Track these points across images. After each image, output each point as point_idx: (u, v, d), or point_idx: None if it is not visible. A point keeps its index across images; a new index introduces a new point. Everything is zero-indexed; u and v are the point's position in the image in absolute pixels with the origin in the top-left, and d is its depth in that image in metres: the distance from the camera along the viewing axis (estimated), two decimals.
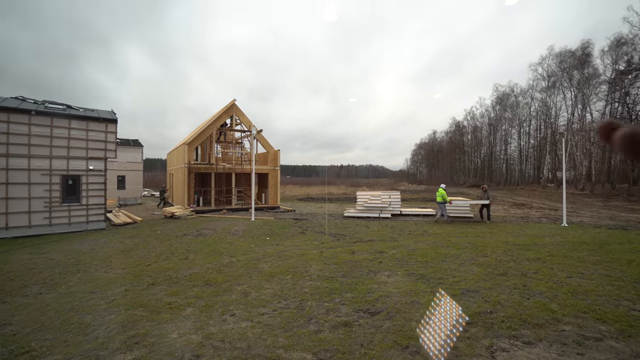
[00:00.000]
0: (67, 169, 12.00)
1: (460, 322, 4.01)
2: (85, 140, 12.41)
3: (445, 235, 10.37)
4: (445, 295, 4.93)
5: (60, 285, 5.83)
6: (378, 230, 11.58)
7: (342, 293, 5.19)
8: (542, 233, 10.71)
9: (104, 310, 4.62)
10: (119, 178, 25.23)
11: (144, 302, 4.92)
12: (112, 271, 6.74)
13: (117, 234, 11.60)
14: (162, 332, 3.90)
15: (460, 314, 4.25)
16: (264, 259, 7.52)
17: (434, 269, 6.50)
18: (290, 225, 13.00)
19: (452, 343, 3.48)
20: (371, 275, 6.12)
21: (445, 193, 13.72)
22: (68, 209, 12.03)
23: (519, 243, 8.94)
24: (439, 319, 4.22)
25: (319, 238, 10.26)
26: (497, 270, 6.32)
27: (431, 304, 4.61)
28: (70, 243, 9.86)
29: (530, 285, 5.45)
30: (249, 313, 4.45)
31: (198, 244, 9.39)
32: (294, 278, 6.01)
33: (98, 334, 3.89)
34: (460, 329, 3.83)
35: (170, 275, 6.29)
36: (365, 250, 8.33)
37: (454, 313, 4.29)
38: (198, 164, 19.14)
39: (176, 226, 13.07)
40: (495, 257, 7.35)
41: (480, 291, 5.17)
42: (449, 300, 4.73)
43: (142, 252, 8.48)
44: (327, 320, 4.18)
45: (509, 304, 4.62)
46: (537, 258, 7.26)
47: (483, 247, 8.47)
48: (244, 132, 22.00)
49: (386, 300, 4.87)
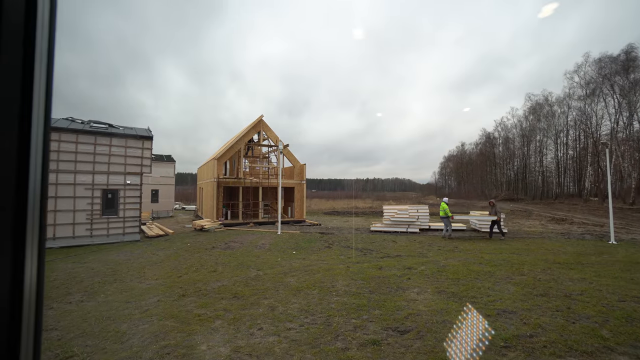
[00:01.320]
0: (107, 184, 12.84)
1: (497, 345, 3.76)
2: (123, 157, 13.27)
3: (478, 252, 9.88)
4: (478, 315, 4.66)
5: (99, 294, 6.15)
6: (406, 245, 11.26)
7: (369, 310, 5.06)
8: (586, 251, 9.92)
9: (138, 320, 4.80)
10: (153, 192, 26.57)
11: (175, 313, 5.06)
12: (145, 282, 7.02)
13: (151, 245, 12.13)
14: (192, 344, 3.98)
15: (497, 336, 3.99)
16: (290, 273, 7.53)
17: (466, 286, 6.18)
18: (316, 239, 12.97)
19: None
20: (400, 292, 5.93)
21: (447, 208, 13.15)
22: (107, 221, 12.80)
23: (560, 261, 8.33)
24: (472, 340, 3.99)
25: (345, 253, 10.14)
26: (536, 290, 5.91)
27: (464, 324, 4.37)
28: (108, 253, 10.43)
29: (575, 308, 5.03)
30: (276, 327, 4.44)
31: (226, 257, 9.59)
32: (320, 293, 5.95)
33: (133, 343, 4.03)
34: (497, 352, 3.59)
35: (199, 287, 6.45)
36: (393, 265, 8.11)
37: (490, 334, 4.04)
38: (227, 178, 19.76)
39: (205, 239, 13.45)
40: (533, 276, 6.88)
41: (518, 312, 4.84)
42: (482, 320, 4.46)
43: (173, 264, 8.79)
44: (355, 338, 4.07)
45: (552, 328, 4.28)
46: (582, 278, 6.71)
47: (519, 264, 7.97)
48: (271, 147, 22.55)
49: (416, 318, 4.68)
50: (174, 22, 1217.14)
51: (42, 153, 0.54)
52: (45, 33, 0.55)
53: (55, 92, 0.60)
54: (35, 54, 0.54)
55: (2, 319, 0.50)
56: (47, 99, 0.56)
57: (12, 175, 0.50)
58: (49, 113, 0.57)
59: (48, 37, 0.56)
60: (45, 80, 0.56)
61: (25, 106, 0.52)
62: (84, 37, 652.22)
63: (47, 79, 0.56)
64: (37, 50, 0.54)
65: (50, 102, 0.57)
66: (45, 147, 0.54)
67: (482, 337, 4.00)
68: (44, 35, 0.55)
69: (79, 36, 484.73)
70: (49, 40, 0.56)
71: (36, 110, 0.53)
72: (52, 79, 0.57)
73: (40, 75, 0.54)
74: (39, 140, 0.53)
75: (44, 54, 0.55)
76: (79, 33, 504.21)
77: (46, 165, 0.55)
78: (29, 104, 0.53)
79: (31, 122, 0.53)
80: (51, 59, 0.56)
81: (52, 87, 0.57)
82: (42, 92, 0.55)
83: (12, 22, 0.51)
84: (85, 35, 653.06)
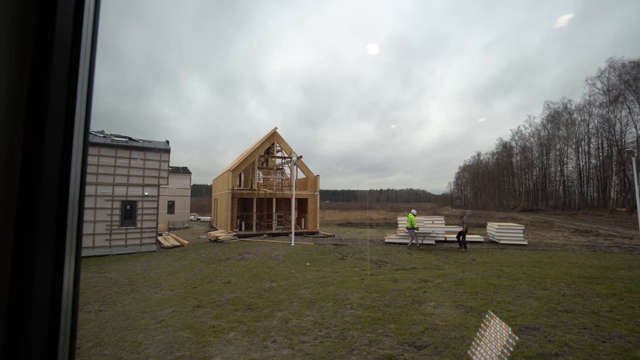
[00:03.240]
0: (126, 195, 13.24)
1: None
2: (142, 169, 13.69)
3: (496, 264, 9.56)
4: (501, 330, 4.48)
5: (117, 304, 6.26)
6: (421, 258, 11.02)
7: (385, 324, 4.95)
8: (614, 265, 9.44)
9: (154, 330, 4.85)
10: (169, 203, 27.16)
11: (190, 324, 5.09)
12: (161, 292, 7.11)
13: (167, 256, 12.32)
14: (206, 355, 3.98)
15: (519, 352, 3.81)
16: (304, 285, 7.47)
17: (485, 301, 5.97)
18: (330, 251, 12.87)
19: None
20: (415, 306, 5.78)
21: (414, 219, 13.49)
22: (125, 232, 13.13)
23: (586, 275, 7.95)
24: (492, 356, 3.82)
25: (359, 265, 10.01)
26: (560, 306, 5.64)
27: (484, 339, 4.20)
28: (125, 264, 10.66)
29: (605, 325, 4.77)
30: (290, 340, 4.39)
31: (240, 268, 9.63)
32: (334, 306, 5.87)
33: (149, 353, 4.07)
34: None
35: (214, 299, 6.48)
36: (408, 278, 7.94)
37: (511, 351, 3.86)
38: (241, 190, 20.02)
39: (220, 250, 13.57)
40: (557, 291, 6.58)
41: (541, 329, 4.63)
42: (505, 336, 4.28)
43: (188, 275, 8.88)
44: (370, 352, 3.98)
45: (579, 347, 4.06)
46: (611, 294, 6.37)
47: (542, 278, 7.66)
48: (285, 159, 22.79)
49: (433, 333, 4.54)
50: (203, 35, 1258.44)
51: (80, 166, 0.58)
52: (88, 55, 0.61)
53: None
54: (79, 75, 0.59)
55: (42, 320, 0.53)
56: (87, 114, 0.61)
57: (55, 186, 0.54)
58: (88, 127, 0.62)
59: (90, 58, 0.61)
60: (87, 90, 0.61)
61: (68, 120, 0.57)
62: (113, 54, 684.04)
63: (87, 99, 0.61)
64: (80, 70, 0.59)
65: (89, 117, 0.62)
66: (84, 161, 0.59)
67: (504, 354, 3.83)
68: (87, 57, 0.60)
69: (108, 52, 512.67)
70: (90, 62, 0.61)
71: (78, 124, 0.58)
72: (92, 98, 0.62)
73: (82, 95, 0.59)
74: (79, 153, 0.58)
75: (85, 75, 0.60)
76: (109, 50, 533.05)
77: (84, 176, 0.59)
78: (72, 118, 0.58)
79: (73, 136, 0.57)
80: (91, 81, 0.61)
81: (91, 102, 0.62)
82: (83, 107, 0.60)
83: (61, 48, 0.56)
84: (115, 51, 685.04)
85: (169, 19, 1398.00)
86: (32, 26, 0.54)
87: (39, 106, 0.54)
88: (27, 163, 0.52)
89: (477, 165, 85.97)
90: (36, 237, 0.53)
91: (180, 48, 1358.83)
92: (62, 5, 0.57)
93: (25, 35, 0.54)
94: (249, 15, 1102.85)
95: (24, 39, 0.54)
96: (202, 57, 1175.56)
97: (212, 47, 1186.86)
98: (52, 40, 0.55)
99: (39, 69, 0.55)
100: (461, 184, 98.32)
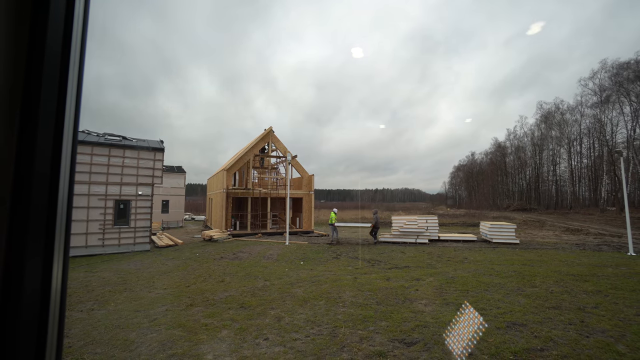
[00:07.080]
0: (119, 194, 13.16)
1: (506, 359, 3.69)
2: (136, 168, 13.61)
3: (488, 263, 9.70)
4: (485, 325, 4.57)
5: (110, 303, 6.25)
6: (414, 257, 11.13)
7: (376, 321, 5.02)
8: (602, 262, 9.64)
9: (147, 329, 4.87)
10: (163, 202, 26.98)
11: (183, 322, 5.12)
12: (154, 291, 7.11)
13: (160, 255, 12.28)
14: (198, 353, 4.02)
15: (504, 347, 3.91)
16: (297, 284, 7.52)
17: (476, 298, 6.08)
18: (324, 250, 12.94)
19: None
20: (407, 304, 5.86)
21: (335, 217, 15.31)
22: (118, 231, 13.05)
23: (574, 273, 8.11)
24: (480, 350, 3.91)
25: (352, 264, 10.09)
26: (548, 303, 5.77)
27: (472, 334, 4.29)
28: (119, 263, 10.61)
29: (589, 321, 4.89)
30: (282, 338, 4.44)
31: (234, 267, 9.65)
32: (327, 304, 5.93)
33: (141, 351, 4.09)
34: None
35: (207, 297, 6.50)
36: (400, 277, 8.03)
37: (497, 346, 3.96)
38: (236, 189, 19.98)
39: (214, 249, 13.56)
40: (545, 288, 6.72)
41: (528, 325, 4.74)
42: (491, 331, 4.38)
43: (182, 274, 8.88)
44: (361, 349, 4.05)
45: (564, 342, 4.17)
46: (597, 291, 6.53)
47: (531, 276, 7.80)
48: (280, 158, 22.79)
49: (423, 330, 4.62)
50: (217, 27, 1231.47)
51: (70, 165, 0.62)
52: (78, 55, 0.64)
53: (84, 102, 0.67)
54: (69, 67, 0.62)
55: (32, 316, 0.56)
56: (77, 111, 0.64)
57: (45, 185, 0.58)
58: (77, 126, 0.65)
59: (80, 53, 0.64)
60: (76, 92, 0.64)
61: (59, 117, 0.60)
62: (118, 45, 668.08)
63: (77, 90, 0.64)
64: (70, 63, 0.62)
65: (78, 116, 0.65)
66: (72, 160, 0.62)
67: (489, 348, 3.92)
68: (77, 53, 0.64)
69: (110, 44, 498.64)
70: (80, 62, 0.64)
71: (67, 123, 0.62)
72: (82, 92, 0.65)
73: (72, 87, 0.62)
74: (67, 152, 0.61)
75: (75, 67, 0.63)
76: (112, 41, 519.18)
77: (72, 175, 0.63)
78: (62, 115, 0.61)
79: (62, 135, 0.60)
80: (81, 74, 0.64)
81: (81, 98, 0.65)
82: (73, 103, 0.63)
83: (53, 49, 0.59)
84: (120, 43, 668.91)
85: (183, 8, 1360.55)
86: (24, 27, 0.55)
87: (29, 106, 0.55)
88: (17, 162, 0.54)
89: (471, 164, 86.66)
90: (26, 237, 0.54)
91: (191, 40, 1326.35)
92: (54, 3, 0.58)
93: (17, 35, 0.55)
94: (271, 3, 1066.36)
95: (15, 39, 0.55)
96: (215, 50, 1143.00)
97: (227, 39, 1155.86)
98: (44, 42, 0.57)
99: (30, 68, 0.56)
100: (456, 184, 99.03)
